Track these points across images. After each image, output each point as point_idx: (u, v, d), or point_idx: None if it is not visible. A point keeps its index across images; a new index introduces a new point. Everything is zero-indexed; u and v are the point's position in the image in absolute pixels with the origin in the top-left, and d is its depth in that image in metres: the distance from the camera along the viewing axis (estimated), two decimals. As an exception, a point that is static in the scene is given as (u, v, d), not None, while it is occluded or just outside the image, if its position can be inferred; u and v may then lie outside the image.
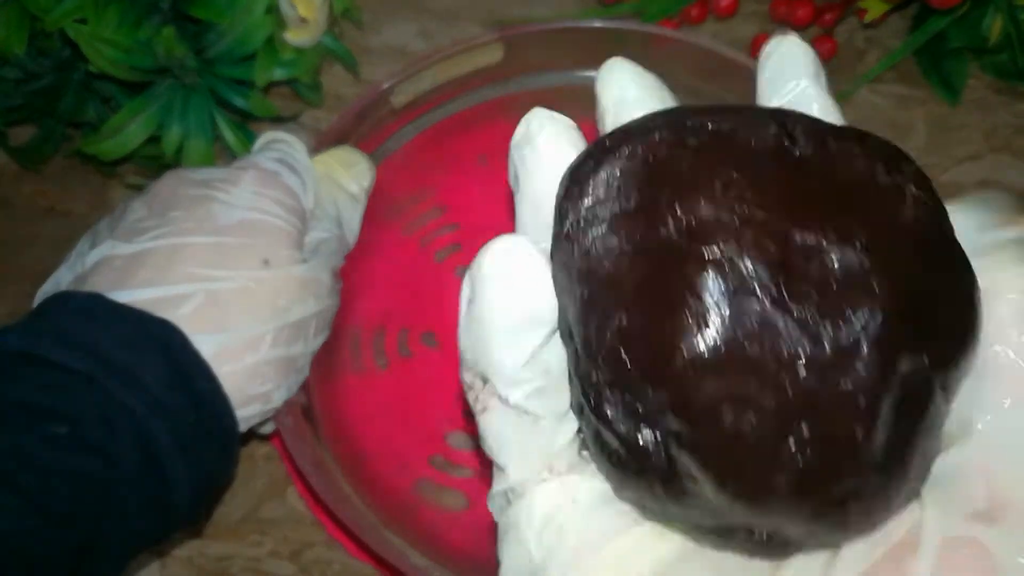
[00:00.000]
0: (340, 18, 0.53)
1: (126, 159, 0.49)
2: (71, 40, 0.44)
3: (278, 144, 0.40)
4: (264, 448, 0.44)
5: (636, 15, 0.55)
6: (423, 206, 0.48)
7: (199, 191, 0.36)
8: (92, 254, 0.35)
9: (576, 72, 0.49)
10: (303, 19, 0.48)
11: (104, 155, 0.47)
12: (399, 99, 0.47)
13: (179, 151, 0.48)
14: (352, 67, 0.53)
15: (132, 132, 0.47)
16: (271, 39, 0.47)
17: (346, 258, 0.41)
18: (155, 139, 0.48)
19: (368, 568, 0.41)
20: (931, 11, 0.51)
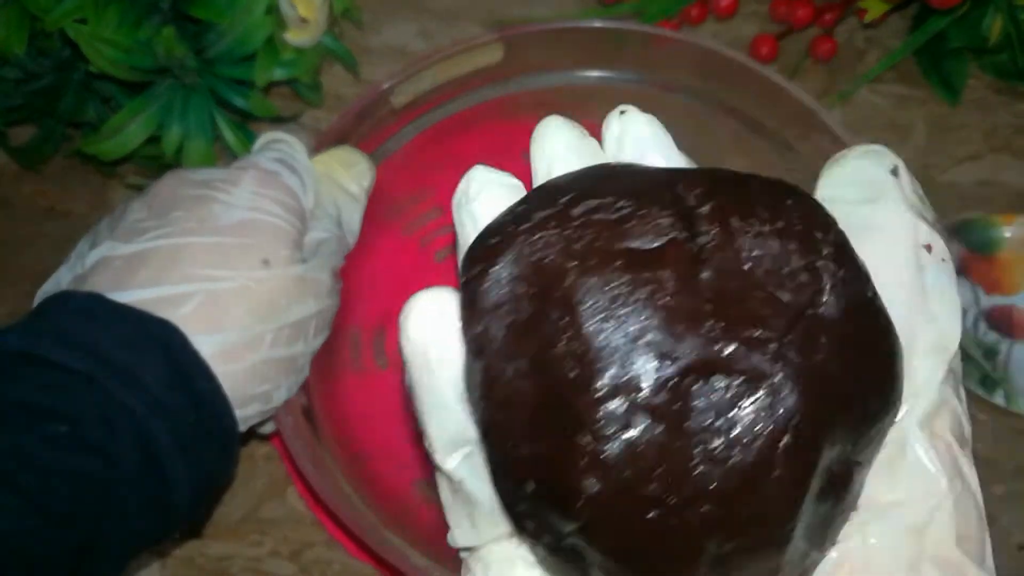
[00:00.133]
0: (340, 18, 0.53)
1: (126, 159, 0.49)
2: (71, 40, 0.44)
3: (278, 144, 0.40)
4: (264, 448, 0.44)
5: (636, 15, 0.55)
6: (423, 206, 0.48)
7: (199, 191, 0.36)
8: (92, 254, 0.35)
9: (576, 72, 0.49)
10: (303, 19, 0.48)
11: (104, 155, 0.47)
12: (399, 99, 0.47)
13: (179, 151, 0.48)
14: (352, 67, 0.53)
15: (132, 132, 0.47)
16: (271, 39, 0.47)
17: (346, 258, 0.41)
18: (155, 139, 0.48)
19: (368, 568, 0.41)
20: (931, 11, 0.51)
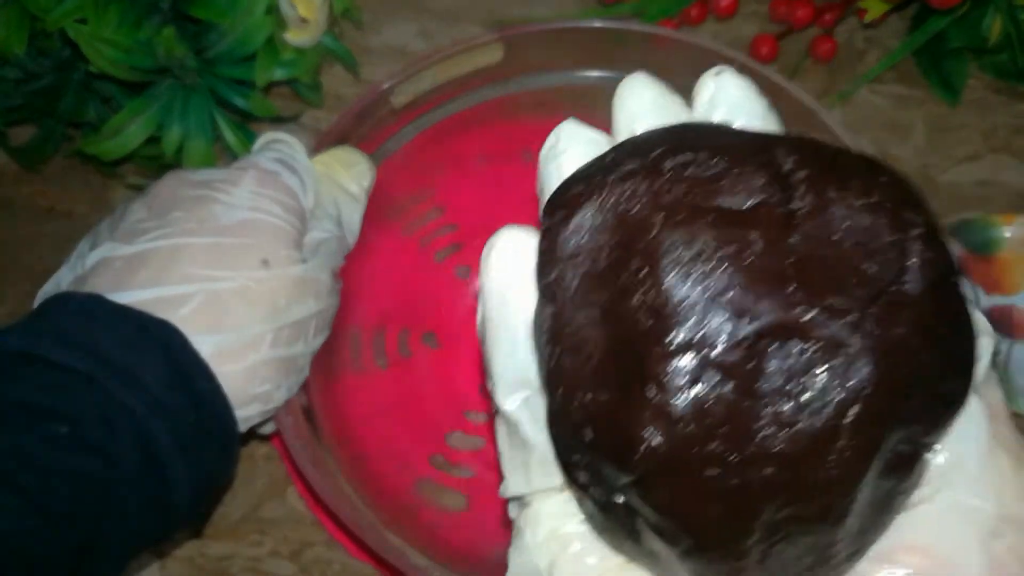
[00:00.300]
0: (340, 18, 0.53)
1: (126, 159, 0.49)
2: (71, 40, 0.44)
3: (278, 144, 0.40)
4: (264, 448, 0.44)
5: (636, 15, 0.55)
6: (423, 206, 0.48)
7: (199, 192, 0.36)
8: (92, 255, 0.35)
9: (576, 72, 0.49)
10: (303, 19, 0.48)
11: (104, 155, 0.47)
12: (399, 99, 0.47)
13: (179, 151, 0.48)
14: (352, 67, 0.53)
15: (132, 132, 0.47)
16: (271, 39, 0.47)
17: (346, 258, 0.41)
18: (155, 139, 0.48)
19: (368, 568, 0.41)
20: (931, 11, 0.51)
